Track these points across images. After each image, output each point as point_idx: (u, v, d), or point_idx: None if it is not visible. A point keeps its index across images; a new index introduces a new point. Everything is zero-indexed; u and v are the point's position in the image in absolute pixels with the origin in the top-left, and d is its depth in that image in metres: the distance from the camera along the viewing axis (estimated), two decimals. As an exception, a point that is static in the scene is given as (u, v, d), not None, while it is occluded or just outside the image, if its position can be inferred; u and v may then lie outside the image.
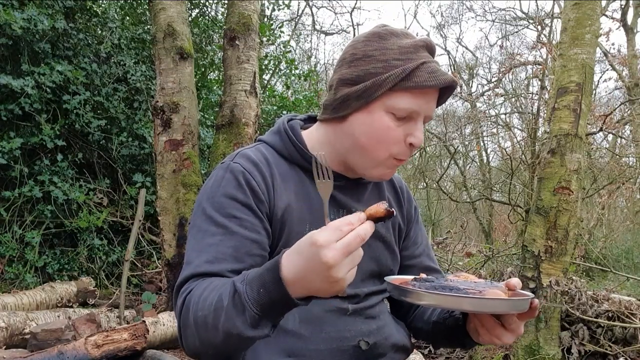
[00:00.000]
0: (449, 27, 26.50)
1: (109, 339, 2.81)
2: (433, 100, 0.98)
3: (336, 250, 0.71)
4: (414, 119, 0.97)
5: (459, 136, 10.09)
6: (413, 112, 0.95)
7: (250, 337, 0.78)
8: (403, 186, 1.22)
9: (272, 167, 1.02)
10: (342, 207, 1.06)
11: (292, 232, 0.99)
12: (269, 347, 0.94)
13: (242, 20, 4.04)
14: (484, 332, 0.92)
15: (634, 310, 3.27)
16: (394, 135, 0.96)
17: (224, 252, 0.90)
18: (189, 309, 0.84)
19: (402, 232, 1.18)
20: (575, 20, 3.39)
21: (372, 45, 0.98)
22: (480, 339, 0.95)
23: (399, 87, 0.93)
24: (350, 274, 0.74)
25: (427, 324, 1.12)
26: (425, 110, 0.97)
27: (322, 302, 0.99)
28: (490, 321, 0.91)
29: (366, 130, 0.97)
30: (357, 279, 1.04)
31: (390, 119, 0.96)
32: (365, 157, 0.99)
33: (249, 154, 1.02)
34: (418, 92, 0.94)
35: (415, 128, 0.97)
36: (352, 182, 1.08)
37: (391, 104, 0.95)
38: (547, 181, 3.32)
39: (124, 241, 5.19)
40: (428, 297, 0.81)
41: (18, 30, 4.37)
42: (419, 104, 0.95)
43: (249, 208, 0.95)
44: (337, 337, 0.99)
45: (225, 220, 0.93)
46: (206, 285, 0.85)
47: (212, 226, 0.93)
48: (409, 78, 0.93)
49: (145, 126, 5.42)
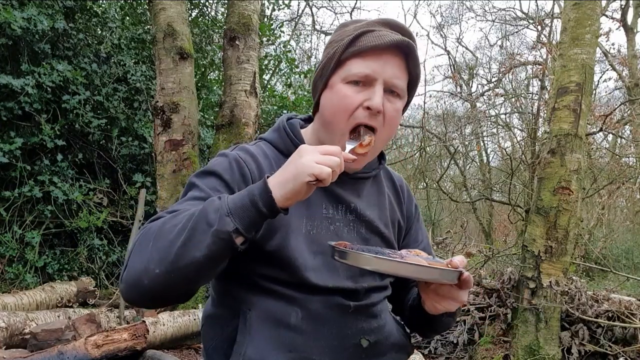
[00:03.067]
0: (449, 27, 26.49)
1: (109, 339, 2.81)
2: (390, 64, 0.98)
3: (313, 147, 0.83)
4: (372, 84, 0.98)
5: (459, 136, 10.09)
6: (366, 75, 0.97)
7: (215, 228, 0.79)
8: (403, 184, 1.23)
9: (271, 163, 1.04)
10: (341, 202, 1.06)
11: (290, 226, 1.00)
12: (271, 343, 0.95)
13: (242, 20, 4.04)
14: (425, 298, 0.97)
15: (634, 310, 3.27)
16: (351, 101, 0.98)
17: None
18: (150, 228, 0.86)
19: (402, 230, 1.19)
20: (575, 20, 3.39)
21: (335, 33, 1.05)
22: (426, 307, 0.99)
23: (347, 54, 0.97)
24: (320, 166, 0.81)
25: (408, 311, 1.15)
26: (380, 74, 0.97)
27: (324, 298, 0.99)
28: (428, 289, 0.96)
29: (329, 104, 1.01)
30: (356, 273, 1.04)
31: (348, 87, 0.98)
32: (331, 130, 1.01)
33: (248, 147, 1.05)
34: (368, 56, 0.96)
35: (372, 92, 0.98)
36: (351, 177, 1.08)
37: (345, 74, 0.98)
38: (547, 181, 3.32)
39: (124, 241, 5.19)
40: (352, 257, 0.88)
41: (18, 30, 4.37)
42: (371, 66, 0.96)
43: (229, 189, 0.97)
44: (338, 334, 1.00)
45: (209, 191, 0.96)
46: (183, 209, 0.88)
47: (196, 192, 0.96)
48: (354, 44, 0.97)
49: (145, 126, 5.42)
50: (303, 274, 0.97)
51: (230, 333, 0.97)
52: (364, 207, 1.09)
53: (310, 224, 1.02)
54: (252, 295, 0.99)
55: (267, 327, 0.96)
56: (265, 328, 0.96)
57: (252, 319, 0.96)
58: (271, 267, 0.98)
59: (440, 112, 11.64)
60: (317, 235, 1.02)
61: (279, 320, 0.96)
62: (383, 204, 1.13)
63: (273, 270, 0.98)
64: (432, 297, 0.95)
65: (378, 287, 1.09)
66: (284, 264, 0.97)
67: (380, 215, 1.12)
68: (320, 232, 1.02)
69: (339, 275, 1.02)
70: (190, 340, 3.69)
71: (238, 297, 1.00)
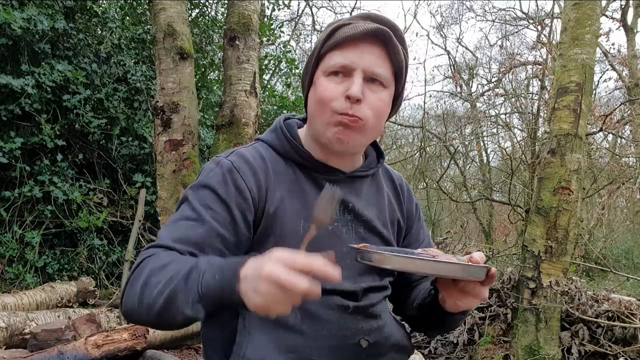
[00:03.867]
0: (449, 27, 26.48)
1: (109, 339, 2.81)
2: (368, 52, 0.98)
3: (276, 269, 0.71)
4: (351, 74, 0.99)
5: (459, 136, 10.09)
6: (344, 66, 0.98)
7: (185, 314, 0.80)
8: (403, 184, 1.23)
9: (267, 164, 1.03)
10: (339, 201, 1.06)
11: (286, 228, 1.00)
12: (270, 343, 0.95)
13: (242, 20, 4.04)
14: (447, 296, 0.95)
15: (634, 310, 3.27)
16: (331, 93, 0.98)
17: (190, 236, 0.93)
18: (143, 269, 0.86)
19: (401, 229, 1.19)
20: (575, 20, 3.39)
21: (321, 33, 1.06)
22: (446, 305, 0.97)
23: (325, 48, 0.99)
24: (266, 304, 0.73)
25: (414, 310, 1.13)
26: (358, 63, 0.97)
27: (324, 299, 0.99)
28: (452, 286, 0.94)
29: (313, 99, 1.02)
30: (355, 274, 1.04)
31: (328, 80, 0.99)
32: (317, 123, 1.02)
33: (243, 152, 1.04)
34: (345, 47, 0.98)
35: (351, 82, 0.98)
36: (349, 176, 1.08)
37: (324, 67, 1.00)
38: (547, 181, 3.32)
39: (124, 241, 5.19)
40: (378, 257, 0.86)
41: (18, 30, 4.37)
42: (348, 57, 0.97)
43: (225, 205, 0.96)
44: (337, 335, 0.99)
45: (202, 208, 0.95)
46: (174, 257, 0.87)
47: (189, 211, 0.96)
48: (330, 37, 0.99)
49: (145, 126, 5.42)
50: None
51: (229, 334, 0.97)
52: (363, 207, 1.08)
53: (308, 225, 1.01)
54: None
55: (266, 327, 0.96)
56: (264, 329, 0.96)
57: (251, 320, 0.96)
58: None
59: (440, 112, 11.63)
60: (315, 236, 1.02)
61: (278, 321, 0.96)
62: (382, 203, 1.13)
63: None
64: (455, 294, 0.94)
65: (377, 287, 1.09)
66: None
67: (378, 214, 1.11)
68: (318, 232, 1.02)
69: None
70: (190, 340, 3.69)
71: None
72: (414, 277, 1.21)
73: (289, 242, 0.98)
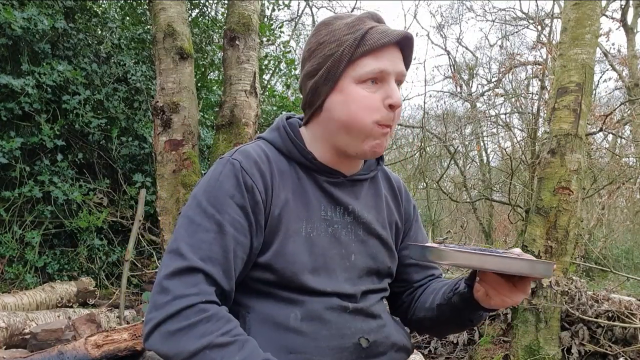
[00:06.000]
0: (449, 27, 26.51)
1: (109, 339, 2.81)
2: (397, 59, 0.99)
3: None
4: (386, 81, 0.98)
5: (459, 136, 10.09)
6: (380, 72, 0.97)
7: None
8: (401, 185, 1.23)
9: (272, 164, 1.02)
10: (339, 204, 1.06)
11: (290, 229, 1.00)
12: (270, 345, 0.95)
13: (242, 20, 4.04)
14: (495, 293, 0.93)
15: (634, 310, 3.27)
16: (371, 102, 0.97)
17: (216, 251, 0.91)
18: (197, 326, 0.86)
19: (399, 231, 1.19)
20: (575, 20, 3.39)
21: (321, 34, 1.02)
22: (492, 302, 0.96)
23: (357, 54, 0.96)
24: None
25: (430, 310, 1.12)
26: (392, 69, 0.98)
27: (323, 300, 0.99)
28: (501, 282, 0.92)
29: (344, 107, 0.98)
30: (354, 276, 1.04)
31: (362, 88, 0.97)
32: (352, 133, 0.99)
33: (249, 151, 1.02)
34: (377, 53, 0.96)
35: (390, 89, 0.97)
36: (349, 179, 1.08)
37: (357, 74, 0.96)
38: (547, 181, 3.32)
39: (124, 241, 5.19)
40: (451, 255, 0.84)
41: (18, 30, 4.37)
42: (383, 63, 0.96)
43: (243, 210, 0.95)
44: (337, 335, 1.00)
45: (220, 217, 0.93)
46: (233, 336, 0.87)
47: (206, 221, 0.93)
48: (363, 43, 0.95)
49: (145, 126, 5.42)
50: (300, 278, 0.97)
51: None
52: (362, 209, 1.08)
53: (310, 226, 1.02)
54: (250, 299, 1.00)
55: (266, 329, 0.96)
56: (265, 330, 0.96)
57: (251, 322, 0.97)
58: (269, 272, 0.98)
59: (440, 112, 11.63)
60: (316, 238, 1.02)
61: (278, 323, 0.96)
62: (380, 205, 1.13)
63: (271, 275, 0.98)
64: (504, 291, 0.92)
65: (376, 290, 1.10)
66: (282, 269, 0.97)
67: (377, 217, 1.12)
68: (319, 234, 1.02)
69: (338, 279, 1.02)
70: None
71: (236, 300, 1.00)
72: (416, 277, 1.21)
73: (292, 244, 0.98)
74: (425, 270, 1.21)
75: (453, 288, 1.06)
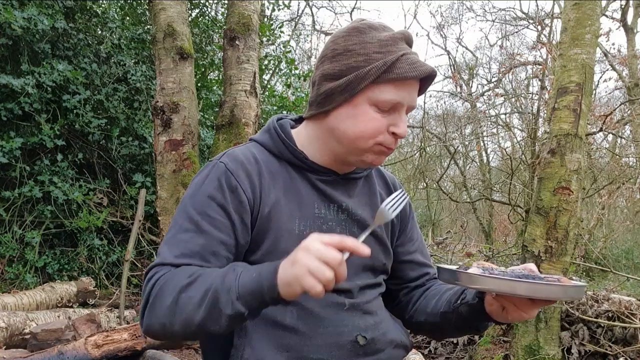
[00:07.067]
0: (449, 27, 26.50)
1: (109, 339, 2.81)
2: (415, 91, 1.00)
3: (317, 243, 0.80)
4: (398, 110, 0.99)
5: (459, 136, 10.10)
6: (397, 103, 0.97)
7: (227, 314, 0.83)
8: (396, 183, 1.23)
9: (260, 165, 1.03)
10: (333, 202, 1.07)
11: (282, 228, 1.00)
12: (268, 343, 0.95)
13: (242, 20, 4.04)
14: (513, 309, 0.93)
15: (634, 310, 3.27)
16: (378, 125, 0.98)
17: (191, 249, 0.93)
18: (163, 289, 0.88)
19: (395, 229, 1.19)
20: (575, 20, 3.39)
21: (352, 40, 0.99)
22: (509, 317, 0.95)
23: (382, 79, 0.95)
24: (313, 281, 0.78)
25: (432, 316, 1.12)
26: (408, 101, 0.99)
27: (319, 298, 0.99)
28: (524, 300, 0.92)
29: (352, 123, 0.98)
30: (351, 272, 1.04)
31: (374, 111, 0.97)
32: (353, 148, 1.01)
33: (236, 153, 1.03)
34: (400, 84, 0.96)
35: (399, 119, 0.99)
36: (342, 177, 1.09)
37: (375, 97, 0.96)
38: (547, 181, 3.32)
39: (124, 241, 5.19)
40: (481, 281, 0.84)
41: (18, 30, 4.37)
42: (401, 95, 0.97)
43: (223, 209, 0.96)
44: (334, 332, 1.00)
45: (199, 217, 0.95)
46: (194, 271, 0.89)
47: (186, 222, 0.96)
48: (391, 70, 0.95)
49: (145, 126, 5.42)
50: None
51: (227, 336, 0.97)
52: (356, 207, 1.09)
53: (303, 224, 1.02)
54: None
55: (264, 328, 0.97)
56: (262, 329, 0.96)
57: (248, 321, 0.97)
58: None
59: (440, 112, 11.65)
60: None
61: (275, 321, 0.97)
62: (375, 203, 1.13)
63: None
64: (524, 307, 0.92)
65: (372, 285, 1.10)
66: None
67: (372, 214, 1.12)
68: (313, 232, 1.02)
69: None
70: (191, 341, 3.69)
71: None
72: (411, 275, 1.21)
73: (284, 242, 0.99)
74: (420, 268, 1.21)
75: (459, 297, 1.06)
